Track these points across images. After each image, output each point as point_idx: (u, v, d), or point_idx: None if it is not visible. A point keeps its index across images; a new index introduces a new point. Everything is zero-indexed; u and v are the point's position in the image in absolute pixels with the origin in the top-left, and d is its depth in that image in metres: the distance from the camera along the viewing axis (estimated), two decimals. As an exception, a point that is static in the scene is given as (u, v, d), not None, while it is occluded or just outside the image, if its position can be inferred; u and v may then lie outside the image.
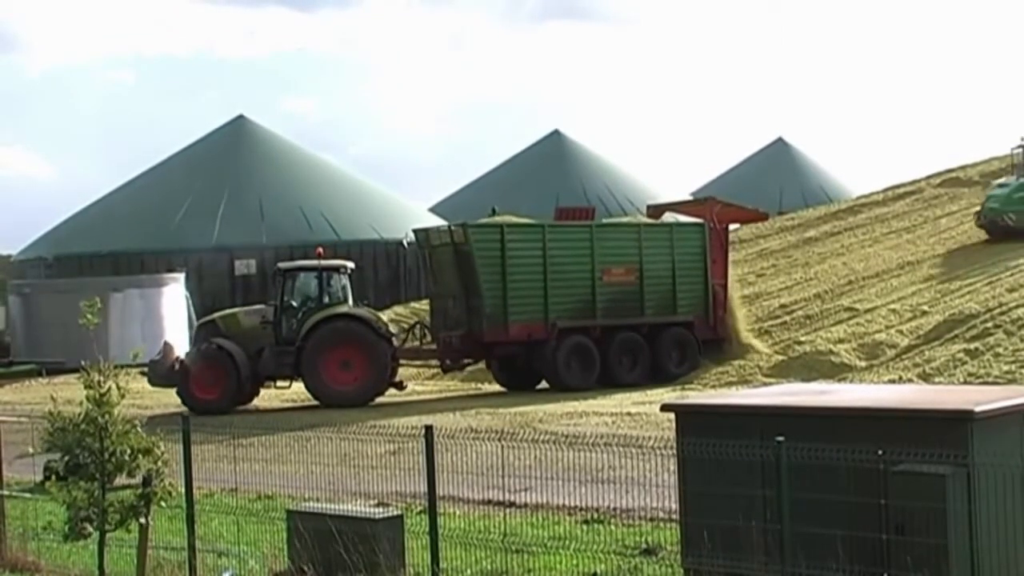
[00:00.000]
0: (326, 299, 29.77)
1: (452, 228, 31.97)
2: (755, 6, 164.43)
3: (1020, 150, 40.47)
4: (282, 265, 31.52)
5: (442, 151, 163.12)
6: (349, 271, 30.44)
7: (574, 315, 30.70)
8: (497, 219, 32.84)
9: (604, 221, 35.41)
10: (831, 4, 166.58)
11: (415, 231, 35.06)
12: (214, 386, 28.76)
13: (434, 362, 32.55)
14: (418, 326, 32.62)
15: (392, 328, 31.57)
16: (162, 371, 28.84)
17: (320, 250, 31.72)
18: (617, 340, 30.69)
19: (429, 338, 31.66)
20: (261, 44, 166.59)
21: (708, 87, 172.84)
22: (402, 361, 30.85)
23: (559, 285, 30.61)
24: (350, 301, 30.06)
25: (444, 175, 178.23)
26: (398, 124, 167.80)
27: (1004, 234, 38.93)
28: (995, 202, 39.68)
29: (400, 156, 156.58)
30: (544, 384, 30.82)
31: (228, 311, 32.16)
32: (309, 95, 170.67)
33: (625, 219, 40.31)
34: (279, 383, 29.96)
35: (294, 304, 29.74)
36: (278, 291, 30.08)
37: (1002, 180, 41.19)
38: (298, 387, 29.86)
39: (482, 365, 32.69)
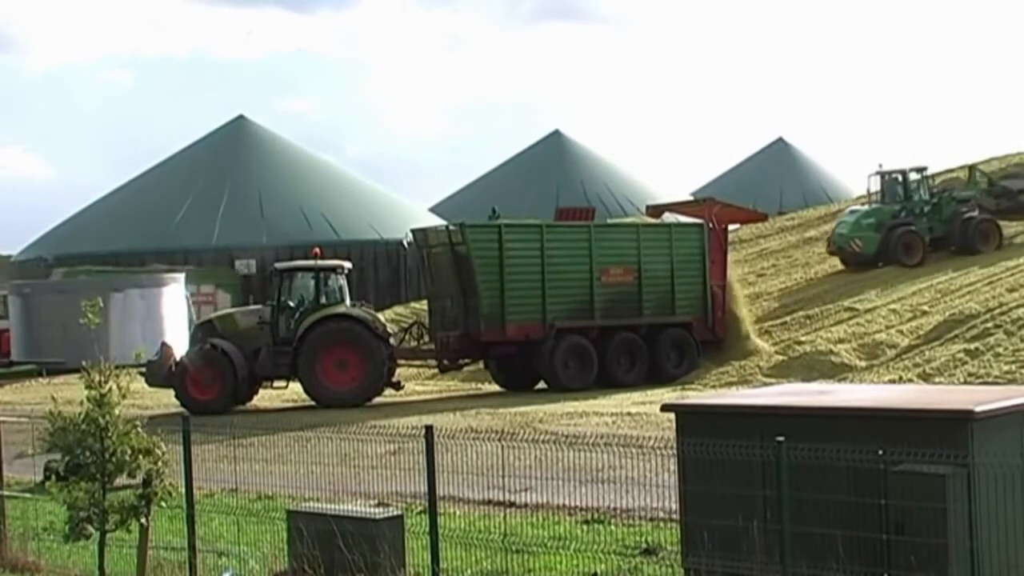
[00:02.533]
0: (323, 299, 29.74)
1: (450, 228, 31.96)
2: (755, 6, 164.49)
3: (877, 177, 40.21)
4: (279, 265, 31.49)
5: (442, 151, 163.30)
6: (346, 271, 30.43)
7: (572, 315, 30.68)
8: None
9: (608, 221, 35.37)
10: (831, 4, 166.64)
11: (413, 231, 35.03)
12: (211, 386, 28.74)
13: (433, 362, 32.53)
14: (416, 326, 32.61)
15: (391, 328, 31.55)
16: (160, 372, 28.82)
17: (317, 250, 31.70)
18: (615, 340, 30.67)
19: (427, 338, 31.66)
20: (259, 45, 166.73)
21: (708, 87, 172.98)
22: (400, 361, 30.83)
23: (557, 285, 30.59)
24: (347, 301, 30.04)
25: (444, 175, 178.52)
26: (398, 124, 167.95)
27: (857, 262, 39.00)
28: (844, 228, 39.81)
29: (400, 156, 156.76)
30: (542, 384, 30.81)
31: (225, 311, 32.13)
32: (307, 96, 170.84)
33: (629, 219, 40.30)
34: (276, 383, 29.94)
35: (291, 304, 29.71)
36: (275, 291, 30.06)
37: (855, 207, 41.32)
38: (297, 387, 29.84)
39: (482, 365, 32.69)
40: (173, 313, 41.54)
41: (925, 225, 39.24)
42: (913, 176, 39.99)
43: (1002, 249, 38.51)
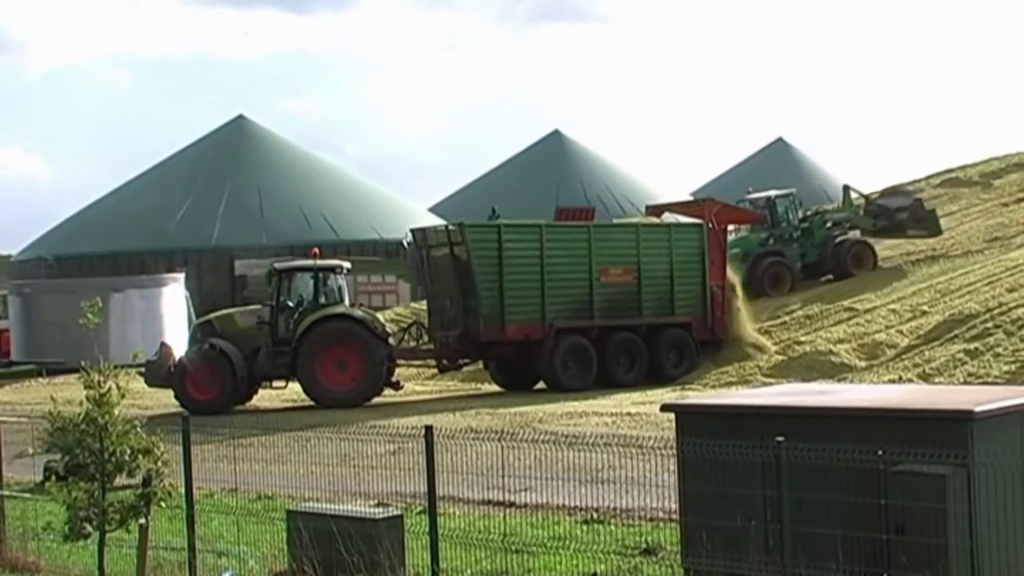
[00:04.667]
0: (322, 299, 29.72)
1: (449, 228, 31.93)
2: (755, 6, 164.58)
3: (746, 204, 39.15)
4: (278, 265, 31.45)
5: (442, 151, 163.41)
6: (345, 271, 30.41)
7: (571, 315, 30.66)
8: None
9: (614, 221, 35.27)
10: (831, 4, 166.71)
11: (412, 231, 35.02)
12: (210, 386, 28.72)
13: (433, 362, 32.50)
14: (415, 326, 32.59)
15: (391, 328, 31.54)
16: (159, 372, 28.80)
17: (316, 250, 31.67)
18: (615, 341, 30.65)
19: (426, 338, 31.64)
20: (258, 45, 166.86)
21: (708, 87, 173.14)
22: (400, 361, 30.81)
23: (556, 285, 30.56)
24: (346, 301, 30.04)
25: (444, 175, 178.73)
26: (398, 124, 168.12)
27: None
28: None
29: (400, 156, 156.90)
30: (542, 384, 30.79)
31: (224, 311, 32.14)
32: (307, 96, 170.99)
33: (634, 219, 40.18)
34: (275, 383, 29.92)
35: (290, 304, 29.69)
36: (274, 291, 30.04)
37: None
38: (297, 387, 29.82)
39: (481, 365, 32.67)
40: (173, 313, 41.55)
41: (796, 251, 38.40)
42: (780, 201, 39.17)
43: (876, 271, 38.01)
